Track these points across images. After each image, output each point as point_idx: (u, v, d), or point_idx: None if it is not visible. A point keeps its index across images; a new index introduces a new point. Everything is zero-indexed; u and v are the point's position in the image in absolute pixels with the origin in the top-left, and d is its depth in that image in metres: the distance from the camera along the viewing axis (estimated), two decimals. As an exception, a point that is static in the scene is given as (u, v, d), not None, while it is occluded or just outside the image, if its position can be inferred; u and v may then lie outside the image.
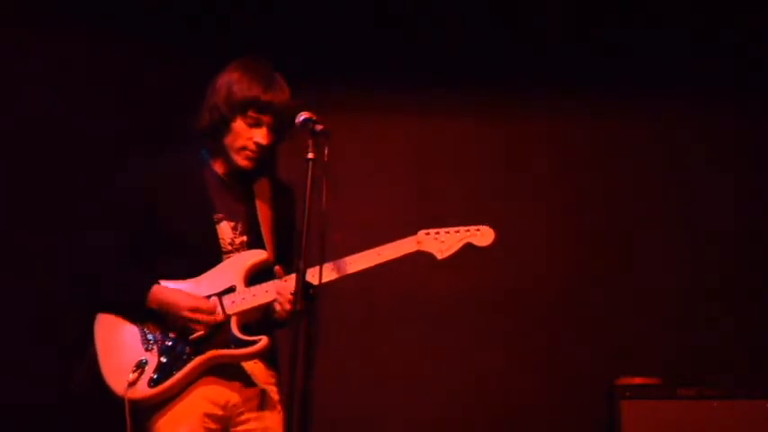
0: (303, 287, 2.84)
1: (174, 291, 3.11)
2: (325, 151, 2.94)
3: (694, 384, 4.33)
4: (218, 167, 3.27)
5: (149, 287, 3.11)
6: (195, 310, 3.08)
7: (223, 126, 3.18)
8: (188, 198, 3.20)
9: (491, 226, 3.22)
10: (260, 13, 4.86)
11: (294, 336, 2.83)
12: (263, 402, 3.18)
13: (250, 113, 3.15)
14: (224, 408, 3.12)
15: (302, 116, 3.02)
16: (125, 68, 4.46)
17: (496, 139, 5.12)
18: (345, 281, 4.66)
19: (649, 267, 4.96)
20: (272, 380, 3.24)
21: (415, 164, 5.11)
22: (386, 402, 4.89)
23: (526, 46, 4.98)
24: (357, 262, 3.15)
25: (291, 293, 2.99)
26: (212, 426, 3.10)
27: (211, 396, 3.11)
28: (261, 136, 3.17)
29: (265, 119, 3.16)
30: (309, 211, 2.88)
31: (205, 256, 3.17)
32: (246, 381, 3.17)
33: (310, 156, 2.94)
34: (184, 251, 3.16)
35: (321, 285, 2.98)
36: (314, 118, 3.02)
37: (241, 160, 3.20)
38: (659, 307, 4.89)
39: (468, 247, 3.21)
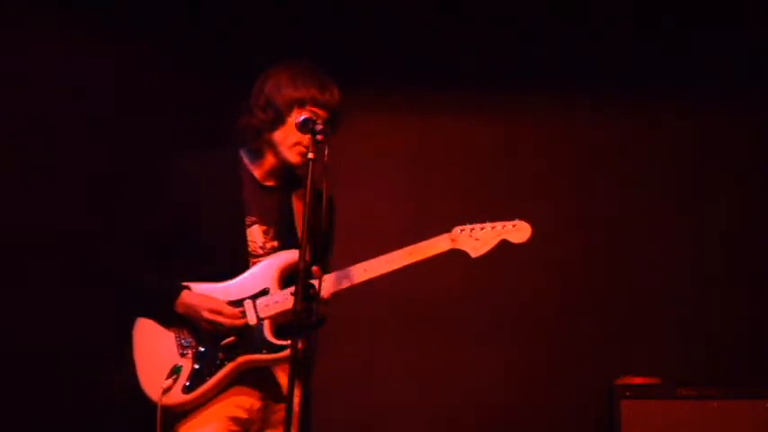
0: (303, 287, 2.84)
1: (198, 295, 3.11)
2: (326, 151, 2.94)
3: (694, 384, 4.32)
4: (257, 171, 3.27)
5: (178, 292, 3.11)
6: (214, 311, 3.08)
7: (276, 122, 3.19)
8: (219, 201, 3.19)
9: (527, 221, 3.16)
10: (260, 13, 4.85)
11: (294, 336, 2.83)
12: (281, 418, 3.16)
13: (308, 107, 3.16)
14: (248, 411, 3.13)
15: (302, 116, 3.03)
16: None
17: (497, 139, 5.12)
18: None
19: (650, 267, 4.95)
20: (297, 390, 3.21)
21: (415, 164, 5.10)
22: (385, 403, 4.89)
23: (527, 46, 4.97)
24: (389, 263, 3.13)
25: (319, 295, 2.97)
26: (235, 428, 3.11)
27: (238, 400, 3.12)
28: (320, 124, 3.13)
29: (321, 113, 3.17)
30: (310, 211, 2.88)
31: (232, 260, 3.16)
32: (274, 389, 3.16)
33: (310, 156, 2.94)
34: (212, 254, 3.16)
35: (343, 291, 3.08)
36: (314, 118, 3.03)
37: (293, 156, 3.19)
38: (659, 307, 4.88)
39: (504, 243, 3.17)
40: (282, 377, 3.14)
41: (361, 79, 4.96)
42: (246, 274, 3.15)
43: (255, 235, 3.21)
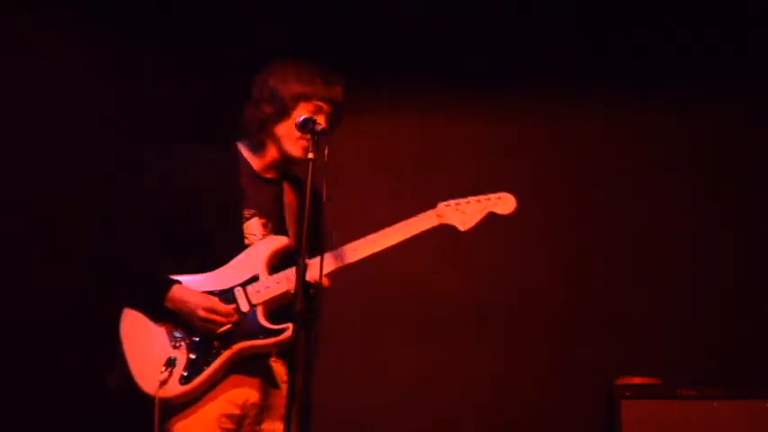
0: (303, 287, 2.84)
1: (190, 291, 3.10)
2: (326, 151, 2.94)
3: (694, 384, 4.32)
4: (257, 163, 3.29)
5: (168, 288, 3.10)
6: (211, 310, 3.07)
7: (281, 115, 3.21)
8: (217, 195, 3.19)
9: (511, 192, 3.19)
10: (260, 13, 4.86)
11: (294, 336, 2.83)
12: (274, 405, 3.17)
13: (314, 101, 3.20)
14: (242, 407, 3.13)
15: (302, 116, 3.03)
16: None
17: (497, 139, 5.12)
18: (347, 280, 4.67)
19: (650, 267, 4.95)
20: (285, 378, 3.21)
21: (415, 164, 5.10)
22: (385, 403, 4.89)
23: (527, 45, 4.97)
24: (377, 241, 3.14)
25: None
26: (228, 425, 3.10)
27: (231, 396, 3.11)
28: (321, 124, 3.16)
29: (326, 107, 3.21)
30: (309, 211, 2.88)
31: (229, 252, 3.16)
32: (269, 379, 3.16)
33: (310, 156, 2.94)
34: (209, 248, 3.16)
35: (335, 271, 3.07)
36: (314, 118, 3.03)
37: (296, 150, 3.21)
38: (659, 307, 4.88)
39: (491, 216, 3.17)
40: (276, 364, 3.17)
41: (362, 79, 4.99)
42: (234, 261, 3.15)
43: (254, 227, 3.21)
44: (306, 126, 3.01)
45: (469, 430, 4.88)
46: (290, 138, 3.21)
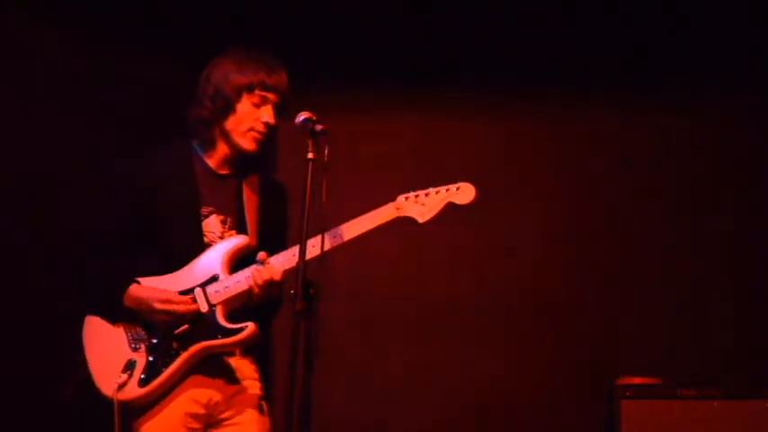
0: (303, 287, 2.83)
1: (147, 288, 3.11)
2: (325, 151, 2.93)
3: (695, 384, 4.32)
4: (211, 160, 3.26)
5: (127, 286, 3.10)
6: (166, 301, 3.07)
7: (226, 111, 3.18)
8: (175, 194, 3.18)
9: (471, 182, 3.13)
10: (260, 13, 4.85)
11: (294, 336, 2.82)
12: (242, 400, 3.17)
13: (257, 92, 3.17)
14: (206, 406, 3.12)
15: (302, 116, 3.01)
16: (118, 68, 4.45)
17: (497, 139, 5.11)
18: (347, 281, 4.68)
19: (650, 267, 4.95)
20: (256, 375, 3.23)
21: (415, 164, 5.10)
22: (385, 403, 4.89)
23: (527, 45, 4.97)
24: (336, 237, 3.08)
25: (266, 278, 3.02)
26: (194, 425, 3.10)
27: (194, 395, 3.11)
28: (268, 115, 3.18)
29: (271, 97, 3.18)
30: (309, 212, 2.88)
31: (189, 251, 3.15)
32: (230, 377, 3.17)
33: (310, 156, 2.93)
34: (169, 248, 3.15)
35: (289, 270, 3.01)
36: (314, 118, 3.01)
37: (248, 143, 3.20)
38: (659, 307, 4.88)
39: (450, 206, 3.13)
40: (237, 363, 3.17)
41: (362, 79, 4.99)
42: (194, 262, 3.14)
43: (213, 225, 3.20)
44: (305, 126, 3.00)
45: (469, 430, 4.88)
46: (239, 131, 3.19)
